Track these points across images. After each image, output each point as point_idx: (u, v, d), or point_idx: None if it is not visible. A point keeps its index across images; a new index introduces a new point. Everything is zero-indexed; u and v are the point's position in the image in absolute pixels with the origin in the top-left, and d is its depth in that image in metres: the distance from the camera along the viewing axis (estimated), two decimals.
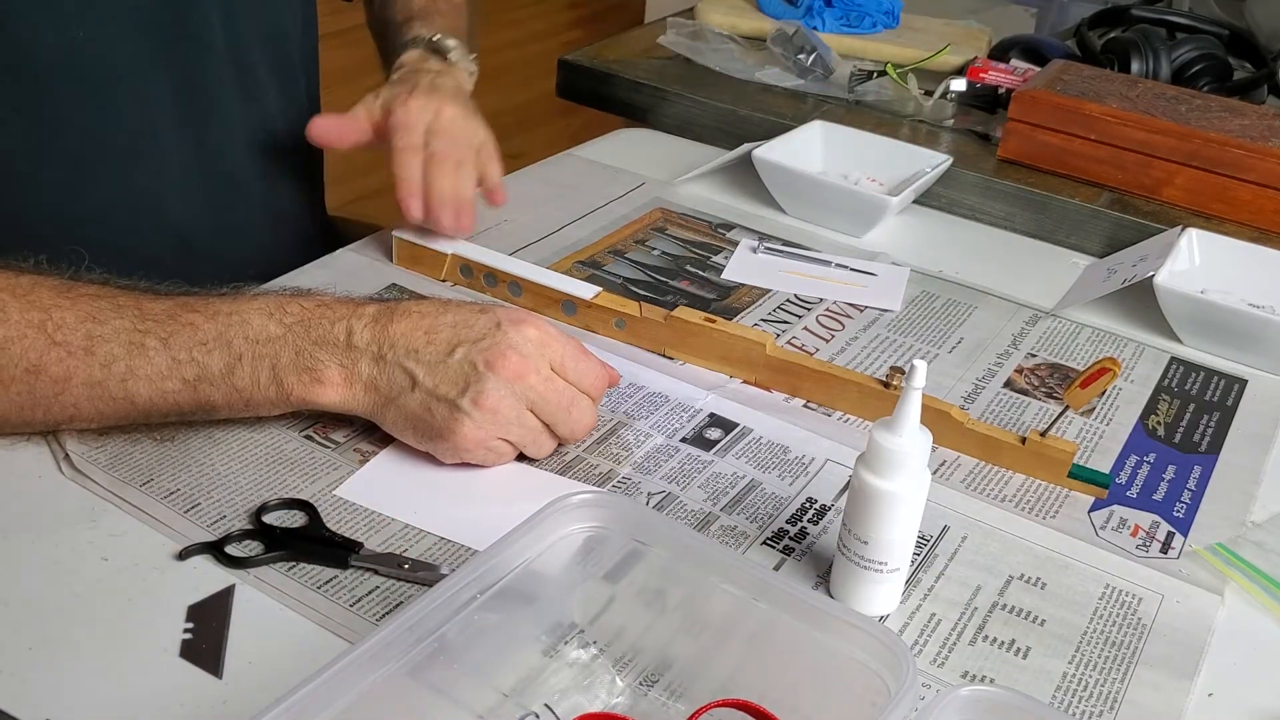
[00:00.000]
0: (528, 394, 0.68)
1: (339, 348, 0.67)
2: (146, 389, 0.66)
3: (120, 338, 0.65)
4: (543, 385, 0.68)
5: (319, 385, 0.67)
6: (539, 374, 0.68)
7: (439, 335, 0.68)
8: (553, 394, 0.68)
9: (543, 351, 0.68)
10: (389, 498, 0.68)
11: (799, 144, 1.09)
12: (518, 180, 1.11)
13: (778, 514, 0.70)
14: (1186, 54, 1.27)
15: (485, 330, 0.68)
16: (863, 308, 0.93)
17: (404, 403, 0.67)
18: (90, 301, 0.66)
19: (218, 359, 0.66)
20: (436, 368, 0.67)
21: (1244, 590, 0.67)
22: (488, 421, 0.67)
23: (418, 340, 0.67)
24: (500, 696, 0.55)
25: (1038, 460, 0.74)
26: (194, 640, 0.58)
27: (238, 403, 0.68)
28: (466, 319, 0.69)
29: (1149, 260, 0.93)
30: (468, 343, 0.67)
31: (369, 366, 0.67)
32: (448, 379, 0.67)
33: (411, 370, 0.67)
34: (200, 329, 0.66)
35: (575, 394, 0.70)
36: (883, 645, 0.51)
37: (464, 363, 0.67)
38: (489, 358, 0.66)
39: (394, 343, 0.67)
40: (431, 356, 0.67)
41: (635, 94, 1.25)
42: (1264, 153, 1.02)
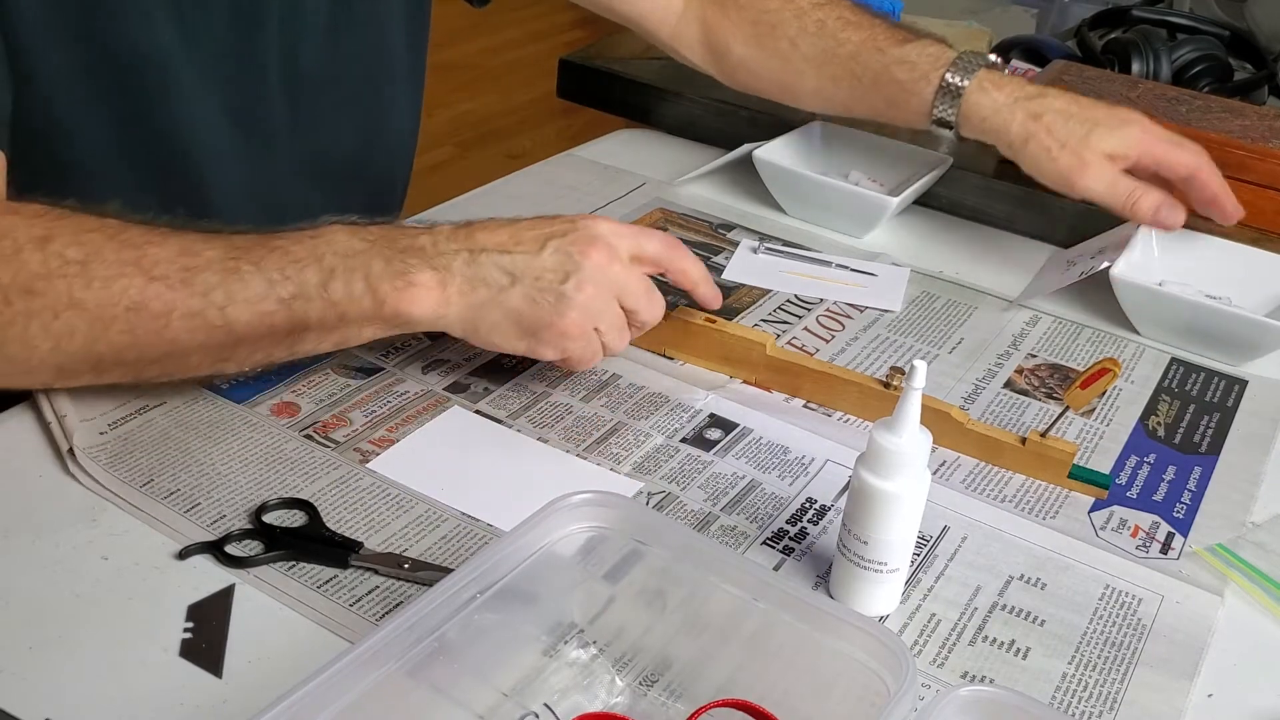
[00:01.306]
0: (615, 281, 0.71)
1: (427, 253, 0.69)
2: (245, 312, 0.66)
3: (214, 266, 0.66)
4: (625, 273, 0.72)
5: (413, 289, 0.68)
6: (622, 262, 0.72)
7: (525, 234, 0.71)
8: (634, 281, 0.72)
9: (620, 242, 0.72)
10: (419, 474, 0.70)
11: (799, 144, 1.10)
12: (518, 180, 1.11)
13: (778, 514, 0.70)
14: (1187, 55, 1.27)
15: (567, 226, 0.71)
16: (863, 308, 0.93)
17: (505, 299, 0.69)
18: (180, 237, 0.67)
19: (312, 274, 0.67)
20: (533, 261, 0.69)
21: (1244, 591, 0.67)
22: (589, 306, 0.70)
23: (505, 241, 0.70)
24: (500, 696, 0.56)
25: (1038, 461, 0.74)
26: (194, 640, 0.58)
27: (332, 317, 0.68)
28: (544, 223, 0.72)
29: (1107, 252, 0.93)
30: (557, 236, 0.70)
31: (463, 266, 0.69)
32: (549, 269, 0.69)
33: (508, 267, 0.69)
34: (290, 250, 0.67)
35: (650, 283, 0.74)
36: (882, 645, 0.52)
37: (559, 253, 0.70)
38: (581, 247, 0.70)
39: (483, 245, 0.70)
40: (526, 252, 0.70)
41: (636, 94, 1.25)
42: (1264, 153, 1.02)
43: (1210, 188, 0.90)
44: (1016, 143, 0.91)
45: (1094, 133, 0.88)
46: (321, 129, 0.93)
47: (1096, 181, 0.88)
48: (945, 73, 0.92)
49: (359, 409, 0.76)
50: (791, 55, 1.00)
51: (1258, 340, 0.88)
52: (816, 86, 1.01)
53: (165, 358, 0.68)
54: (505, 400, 0.78)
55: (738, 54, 1.03)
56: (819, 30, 0.99)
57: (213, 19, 0.81)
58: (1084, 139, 0.88)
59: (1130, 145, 0.88)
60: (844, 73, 0.98)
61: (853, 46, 0.97)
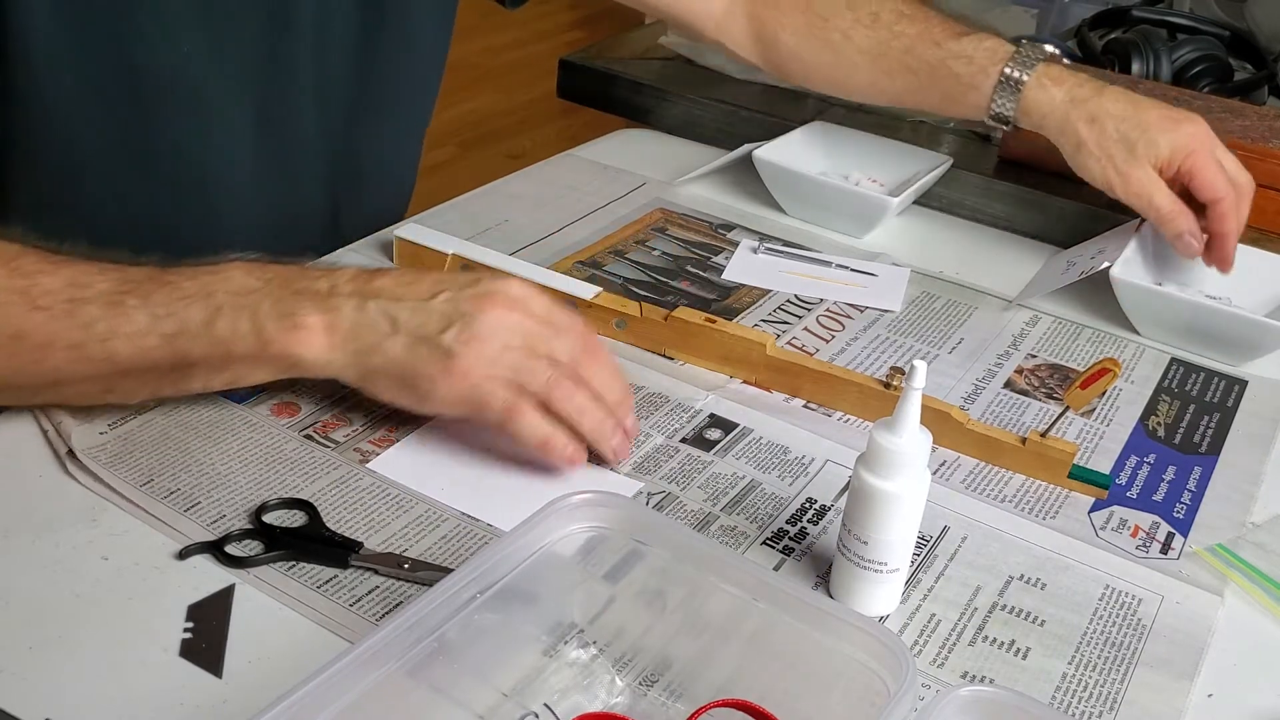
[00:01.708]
0: (513, 333, 0.66)
1: (320, 296, 0.66)
2: (127, 346, 0.65)
3: (101, 299, 0.65)
4: (529, 323, 0.67)
5: (299, 332, 0.65)
6: (526, 313, 0.67)
7: (420, 285, 0.67)
8: (541, 329, 0.67)
9: (526, 296, 0.68)
10: (420, 474, 0.70)
11: (800, 144, 1.09)
12: (518, 180, 1.11)
13: (778, 514, 0.70)
14: (1187, 55, 1.27)
15: (469, 280, 0.68)
16: (863, 308, 0.93)
17: (387, 347, 0.66)
18: (74, 268, 0.66)
19: (197, 311, 0.65)
20: (419, 309, 0.66)
21: (1244, 591, 0.67)
22: (472, 356, 0.65)
23: (400, 290, 0.67)
24: (500, 696, 0.56)
25: (1038, 461, 0.74)
26: (194, 640, 0.58)
27: (216, 356, 0.66)
28: (450, 276, 0.69)
29: (1106, 252, 0.94)
30: (452, 289, 0.67)
31: (351, 311, 0.66)
32: (431, 319, 0.65)
33: (392, 313, 0.66)
34: (181, 286, 0.66)
35: (555, 330, 0.68)
36: (882, 645, 0.52)
37: (447, 303, 0.66)
38: (475, 300, 0.66)
39: (377, 292, 0.67)
40: (414, 299, 0.66)
41: (636, 94, 1.25)
42: (1264, 154, 1.02)
43: (1222, 223, 0.89)
44: (1069, 147, 0.91)
45: (1140, 143, 0.88)
46: (349, 135, 0.93)
47: (1137, 198, 0.89)
48: (1004, 67, 0.91)
49: (359, 409, 0.76)
50: (844, 48, 0.99)
51: (1258, 340, 0.88)
52: (870, 80, 0.99)
53: (49, 387, 0.68)
54: None
55: (788, 46, 1.01)
56: (873, 23, 0.98)
57: (243, 29, 0.81)
58: (1129, 154, 0.88)
59: (1175, 153, 0.88)
60: (899, 67, 0.97)
61: (908, 40, 0.96)
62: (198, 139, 0.83)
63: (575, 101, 1.30)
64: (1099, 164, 0.89)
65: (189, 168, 0.84)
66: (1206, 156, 0.88)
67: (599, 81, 1.27)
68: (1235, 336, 0.88)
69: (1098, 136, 0.89)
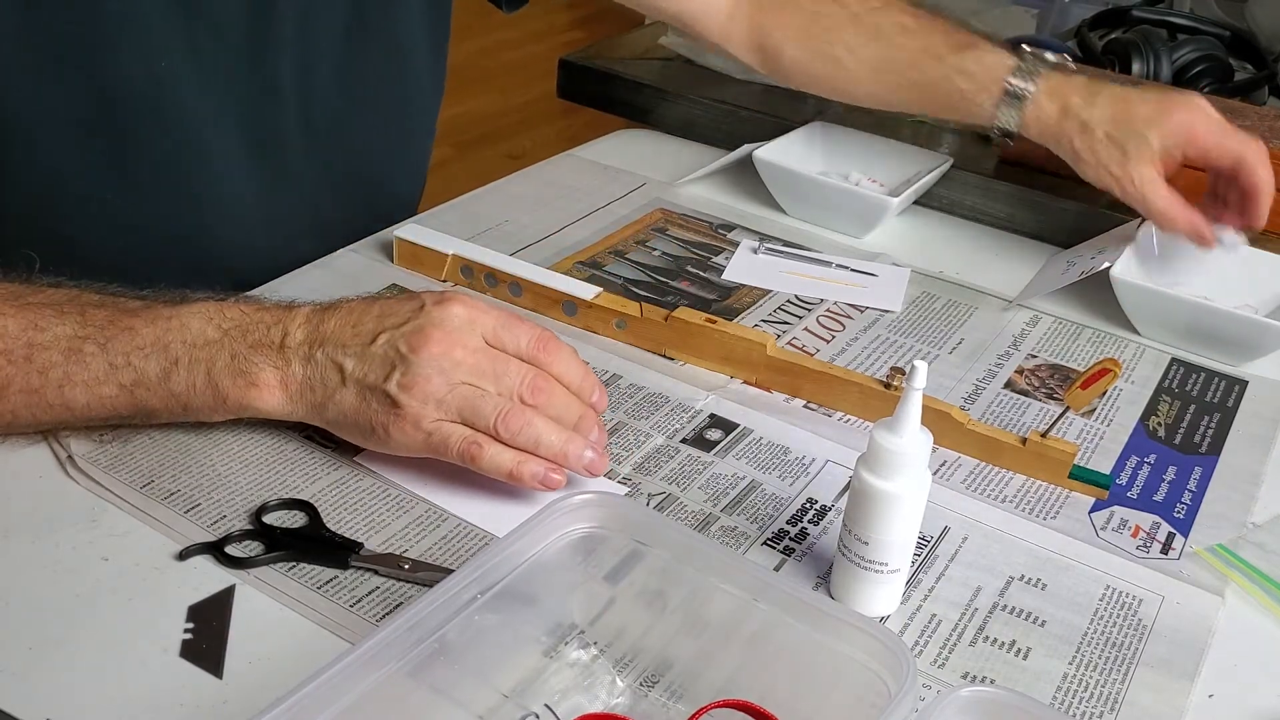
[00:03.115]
0: (455, 369, 0.64)
1: (273, 350, 0.66)
2: (83, 395, 0.65)
3: (59, 344, 0.65)
4: (471, 357, 0.65)
5: (255, 389, 0.65)
6: (465, 347, 0.65)
7: (364, 326, 0.66)
8: (483, 362, 0.65)
9: (471, 326, 0.66)
10: (408, 474, 0.70)
11: (800, 145, 1.09)
12: (518, 181, 1.11)
13: (778, 515, 0.70)
14: (1187, 55, 1.27)
15: (408, 314, 0.66)
16: (863, 308, 0.93)
17: (339, 400, 0.66)
18: (35, 310, 0.65)
19: (154, 364, 0.65)
20: (362, 357, 0.65)
21: (1244, 591, 0.67)
22: (418, 402, 0.64)
23: (345, 334, 0.66)
24: (500, 697, 0.55)
25: (1038, 461, 0.74)
26: (194, 640, 0.58)
27: (175, 408, 0.66)
28: (392, 307, 0.67)
29: (1107, 252, 0.94)
30: (390, 329, 0.65)
31: (301, 367, 0.66)
32: (374, 366, 0.64)
33: (340, 363, 0.65)
34: (139, 333, 0.65)
35: (508, 359, 0.66)
36: (883, 646, 0.51)
37: (387, 347, 0.65)
38: (411, 340, 0.64)
39: (324, 339, 0.66)
40: (356, 346, 0.65)
41: (636, 94, 1.25)
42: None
43: (1252, 175, 0.87)
44: (1069, 159, 0.92)
45: (1130, 143, 0.88)
46: (339, 144, 0.92)
47: (1136, 201, 0.90)
48: (1005, 84, 0.91)
49: None
50: (846, 60, 0.99)
51: (1258, 340, 0.88)
52: (872, 92, 1.00)
53: (6, 428, 0.67)
54: None
55: (790, 56, 1.01)
56: (875, 35, 0.97)
57: (223, 43, 0.81)
58: (1122, 157, 0.88)
59: (1171, 142, 0.88)
60: (901, 81, 0.97)
61: (910, 54, 0.96)
62: (184, 158, 0.82)
63: (575, 102, 1.30)
64: (1096, 172, 0.90)
65: (177, 188, 0.83)
66: (1208, 131, 0.88)
67: (599, 81, 1.27)
68: (1235, 336, 0.88)
69: (1090, 145, 0.89)
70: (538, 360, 0.67)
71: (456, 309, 0.66)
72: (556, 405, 0.67)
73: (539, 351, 0.67)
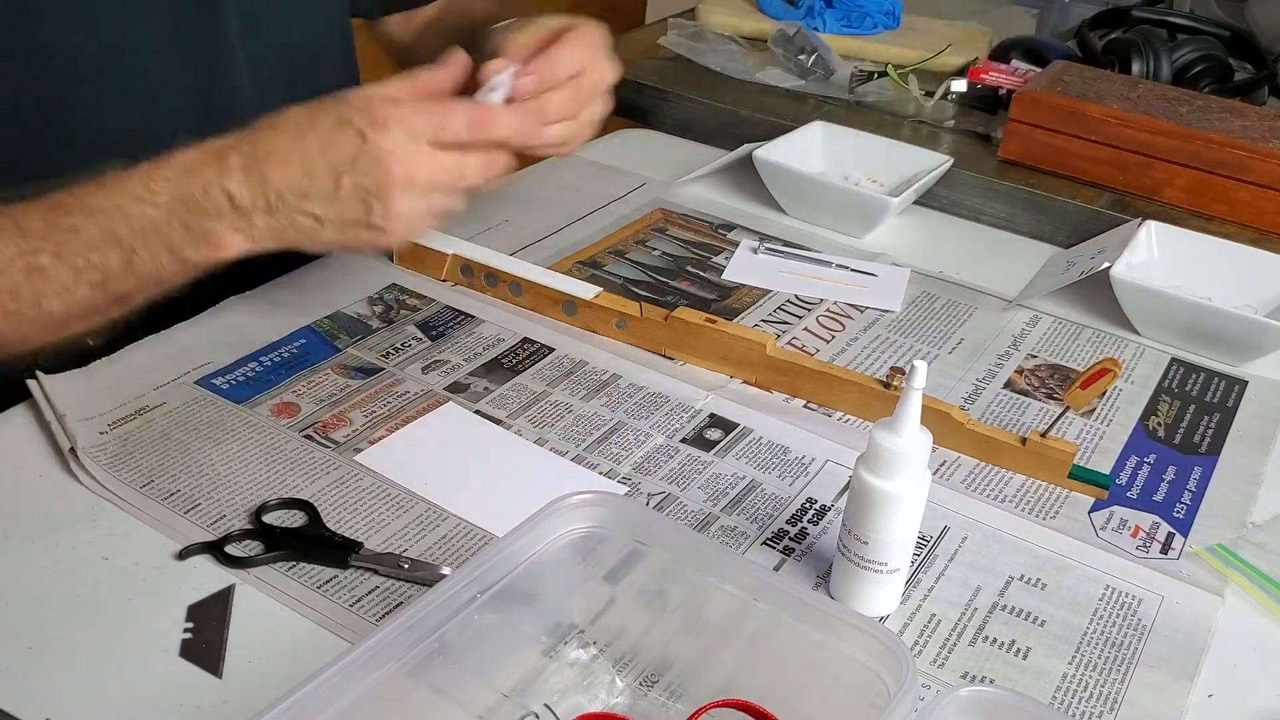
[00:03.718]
0: (423, 187, 0.68)
1: (225, 213, 0.67)
2: (59, 304, 0.66)
3: (15, 265, 0.65)
4: (431, 170, 0.68)
5: (220, 251, 0.67)
6: (421, 162, 0.68)
7: (315, 168, 0.67)
8: (442, 173, 0.69)
9: (415, 138, 0.68)
10: (407, 470, 0.70)
11: (800, 145, 1.09)
12: (518, 180, 1.11)
13: (778, 514, 0.70)
14: (1187, 55, 1.27)
15: (354, 147, 0.66)
16: (863, 308, 0.93)
17: (320, 237, 0.68)
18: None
19: (114, 258, 0.66)
20: (333, 203, 0.67)
21: (1244, 591, 0.67)
22: (405, 223, 0.68)
23: (301, 182, 0.67)
24: (500, 697, 0.55)
25: (1038, 461, 0.74)
26: (194, 640, 0.58)
27: (149, 287, 0.69)
28: (331, 141, 0.67)
29: (1107, 252, 0.94)
30: (346, 168, 0.66)
31: (265, 219, 0.67)
32: (349, 207, 0.67)
33: (312, 211, 0.67)
34: (84, 232, 0.66)
35: (460, 159, 0.69)
36: (883, 646, 0.51)
37: (356, 189, 0.67)
38: (375, 178, 0.66)
39: (279, 192, 0.67)
40: (322, 192, 0.67)
41: (636, 95, 1.25)
42: (1264, 154, 1.02)
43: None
44: None
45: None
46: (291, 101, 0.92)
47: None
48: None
49: (359, 409, 0.76)
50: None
51: (1258, 340, 0.88)
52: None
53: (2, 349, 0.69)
54: (505, 400, 0.78)
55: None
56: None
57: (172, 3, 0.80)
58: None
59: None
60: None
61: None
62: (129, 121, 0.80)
63: None
64: None
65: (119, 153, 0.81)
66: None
67: None
68: (1235, 336, 0.88)
69: None
70: (482, 138, 0.70)
71: (395, 130, 0.67)
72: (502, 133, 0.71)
73: (480, 132, 0.70)
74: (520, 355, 0.83)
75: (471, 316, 0.87)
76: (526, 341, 0.85)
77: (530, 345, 0.84)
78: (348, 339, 0.83)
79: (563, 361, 0.83)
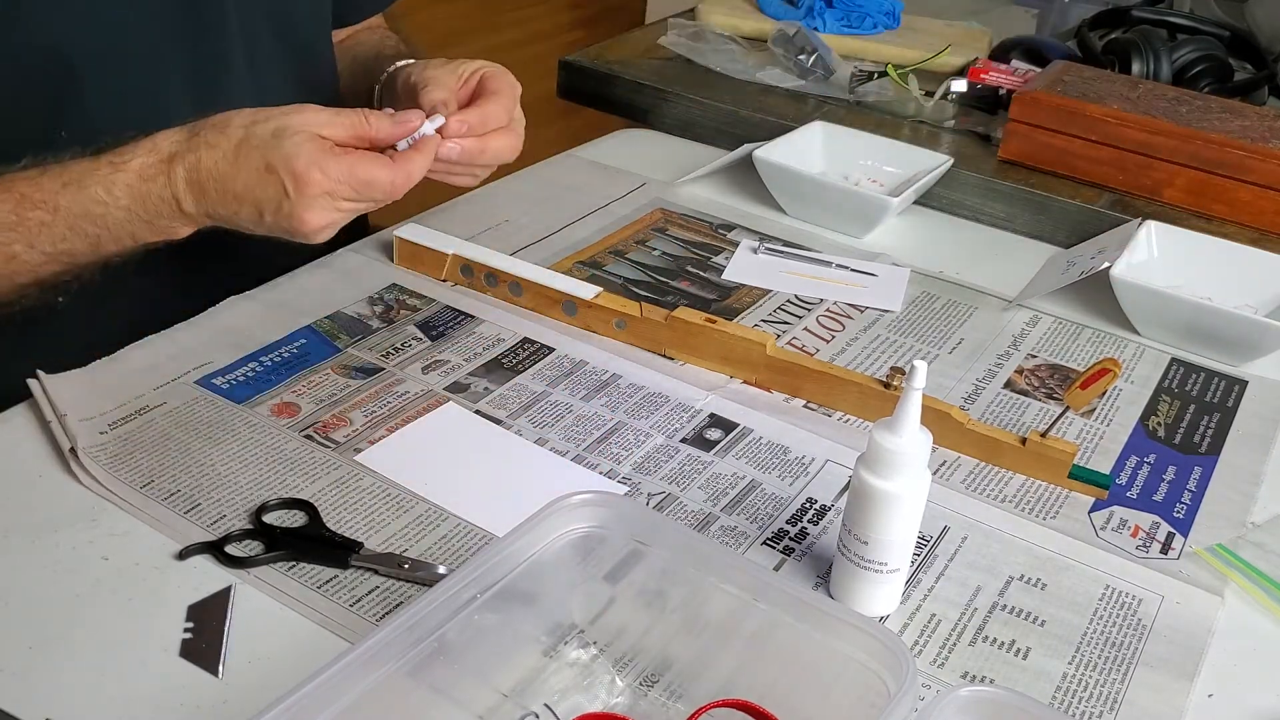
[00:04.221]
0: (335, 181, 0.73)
1: (175, 214, 0.74)
2: (30, 277, 0.75)
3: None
4: (348, 217, 0.76)
5: (176, 235, 0.76)
6: (339, 212, 0.74)
7: (245, 200, 0.73)
8: (357, 209, 0.75)
9: (333, 198, 0.73)
10: (407, 470, 0.70)
11: (800, 145, 1.09)
12: (518, 180, 1.11)
13: (778, 514, 0.70)
14: (1187, 55, 1.27)
15: (277, 198, 0.73)
16: (863, 308, 0.93)
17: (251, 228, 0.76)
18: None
19: (82, 244, 0.74)
20: (259, 226, 0.75)
21: (1244, 591, 0.67)
22: (322, 234, 0.75)
23: (231, 206, 0.74)
24: (500, 697, 0.56)
25: (1038, 461, 0.74)
26: (194, 640, 0.58)
27: (114, 259, 0.76)
28: (258, 182, 0.73)
29: (1107, 252, 0.94)
30: (269, 211, 0.74)
31: (206, 220, 0.75)
32: (275, 231, 0.75)
33: (242, 225, 0.75)
34: (53, 227, 0.73)
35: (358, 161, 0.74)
36: (883, 646, 0.51)
37: (277, 226, 0.74)
38: (292, 225, 0.74)
39: (214, 210, 0.74)
40: (249, 219, 0.75)
41: (636, 95, 1.25)
42: (1265, 154, 1.02)
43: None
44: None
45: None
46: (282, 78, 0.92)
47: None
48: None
49: (359, 409, 0.76)
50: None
51: (1258, 340, 0.88)
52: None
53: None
54: (505, 400, 0.78)
55: None
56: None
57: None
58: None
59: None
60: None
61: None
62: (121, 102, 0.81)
63: (575, 101, 1.30)
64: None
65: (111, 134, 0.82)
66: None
67: (599, 81, 1.27)
68: (1235, 336, 0.88)
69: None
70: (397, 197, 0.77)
71: (314, 194, 0.73)
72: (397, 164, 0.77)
73: (397, 195, 0.76)
74: (520, 355, 0.83)
75: (471, 316, 0.87)
76: (526, 341, 0.85)
77: (530, 345, 0.84)
78: (348, 339, 0.83)
79: (563, 361, 0.83)
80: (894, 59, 1.31)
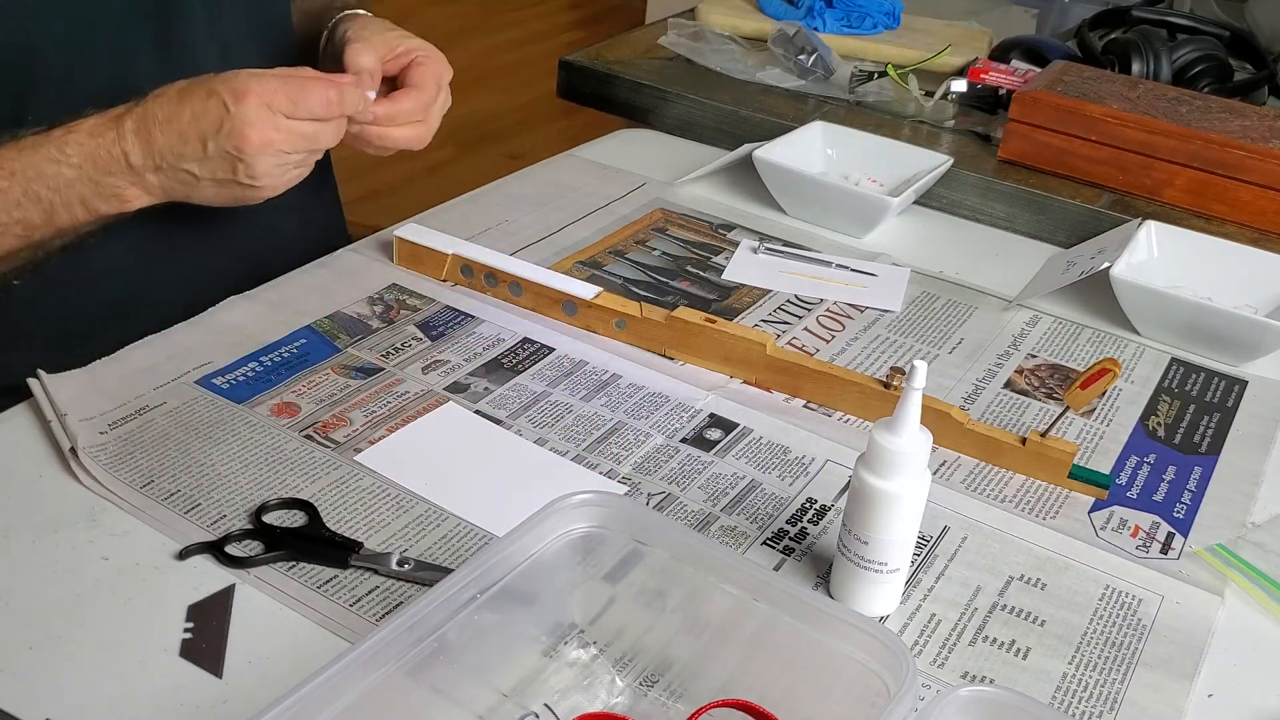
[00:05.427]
0: (280, 150, 0.76)
1: (124, 170, 0.75)
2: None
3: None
4: (287, 137, 0.76)
5: (127, 203, 0.76)
6: (278, 130, 0.75)
7: (189, 133, 0.75)
8: (297, 139, 0.76)
9: (272, 110, 0.75)
10: (406, 470, 0.70)
11: (800, 145, 1.09)
12: (518, 180, 1.11)
13: (778, 514, 0.70)
14: (1187, 55, 1.27)
15: (219, 117, 0.74)
16: (863, 308, 0.93)
17: (202, 191, 0.77)
18: None
19: (35, 212, 0.75)
20: (204, 162, 0.75)
21: (1244, 591, 0.67)
22: (269, 180, 0.77)
23: (176, 145, 0.75)
24: (500, 697, 0.56)
25: (1038, 461, 0.74)
26: (194, 640, 0.58)
27: (67, 233, 0.77)
28: (202, 110, 0.75)
29: (1107, 252, 0.94)
30: (211, 135, 0.75)
31: (154, 177, 0.76)
32: (219, 167, 0.76)
33: (190, 169, 0.76)
34: (8, 193, 0.74)
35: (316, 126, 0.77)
36: (883, 646, 0.51)
37: (219, 153, 0.75)
38: (235, 143, 0.74)
39: (162, 153, 0.75)
40: (194, 155, 0.75)
41: (636, 94, 1.25)
42: (1264, 154, 1.02)
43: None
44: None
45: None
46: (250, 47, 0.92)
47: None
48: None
49: (359, 409, 0.76)
50: None
51: (1258, 340, 0.88)
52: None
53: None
54: (505, 400, 0.78)
55: None
56: None
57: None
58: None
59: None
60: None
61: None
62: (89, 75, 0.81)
63: (575, 102, 1.30)
64: None
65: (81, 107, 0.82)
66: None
67: (599, 81, 1.27)
68: (1235, 336, 0.88)
69: None
70: (334, 115, 0.78)
71: (253, 101, 0.74)
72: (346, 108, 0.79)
73: (333, 111, 0.78)
74: (520, 355, 0.83)
75: (471, 316, 0.87)
76: (526, 341, 0.85)
77: (530, 345, 0.84)
78: (348, 339, 0.83)
79: (563, 361, 0.83)
80: (894, 59, 1.31)
